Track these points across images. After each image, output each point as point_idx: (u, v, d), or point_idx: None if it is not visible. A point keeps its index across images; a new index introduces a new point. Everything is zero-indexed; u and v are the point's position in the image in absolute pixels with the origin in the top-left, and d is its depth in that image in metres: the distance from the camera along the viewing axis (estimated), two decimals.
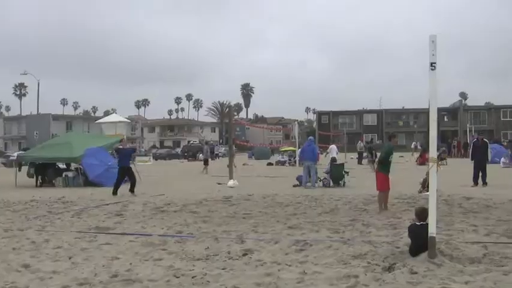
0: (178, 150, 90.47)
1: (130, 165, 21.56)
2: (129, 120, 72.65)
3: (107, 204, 17.12)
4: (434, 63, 8.30)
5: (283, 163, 47.43)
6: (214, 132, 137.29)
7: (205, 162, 37.05)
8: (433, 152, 8.74)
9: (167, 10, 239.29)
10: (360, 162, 44.63)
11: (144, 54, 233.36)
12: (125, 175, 20.93)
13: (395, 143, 16.91)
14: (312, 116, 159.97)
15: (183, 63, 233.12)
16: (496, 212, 14.03)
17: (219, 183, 24.87)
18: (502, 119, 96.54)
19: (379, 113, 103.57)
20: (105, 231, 11.98)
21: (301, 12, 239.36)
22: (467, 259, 8.35)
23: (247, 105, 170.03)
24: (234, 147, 32.45)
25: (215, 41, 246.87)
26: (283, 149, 64.84)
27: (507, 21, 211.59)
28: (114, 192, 20.11)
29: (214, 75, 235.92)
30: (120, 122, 54.97)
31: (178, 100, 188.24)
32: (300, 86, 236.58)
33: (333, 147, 27.39)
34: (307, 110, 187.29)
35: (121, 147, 22.12)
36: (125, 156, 21.34)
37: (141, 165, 40.35)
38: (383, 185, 14.81)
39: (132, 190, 20.39)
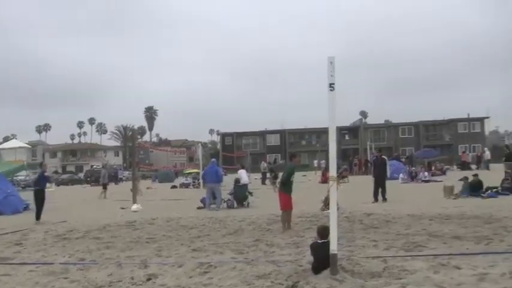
0: (81, 175, 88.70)
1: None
2: (29, 146, 70.92)
3: (6, 234, 16.62)
4: (333, 84, 8.48)
5: (187, 185, 47.23)
6: (118, 156, 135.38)
7: (105, 186, 36.24)
8: (332, 171, 8.93)
9: (66, 32, 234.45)
10: (263, 183, 44.93)
11: (44, 78, 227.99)
12: (43, 199, 20.40)
13: (297, 162, 17.15)
14: (216, 138, 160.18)
15: (84, 87, 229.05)
16: (395, 227, 14.44)
17: (122, 208, 24.58)
18: (400, 136, 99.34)
19: (282, 133, 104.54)
20: (3, 261, 11.61)
21: (203, 35, 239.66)
22: (368, 274, 8.54)
23: (150, 128, 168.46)
24: (138, 171, 32.23)
25: (117, 64, 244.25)
26: (187, 172, 64.64)
27: (404, 41, 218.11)
28: (38, 218, 19.65)
29: (117, 99, 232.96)
30: (20, 147, 53.65)
31: (80, 124, 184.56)
32: (203, 108, 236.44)
33: (242, 173, 27.61)
34: (211, 131, 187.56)
35: (46, 173, 21.61)
36: (45, 180, 20.92)
37: None
38: (286, 205, 14.97)
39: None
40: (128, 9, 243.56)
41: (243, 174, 26.61)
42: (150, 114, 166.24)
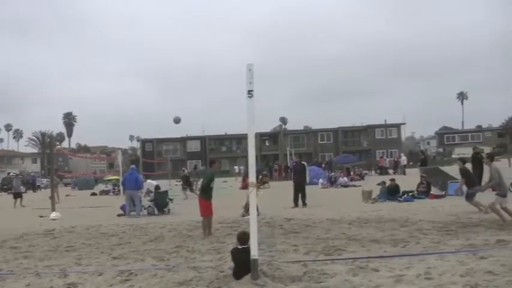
0: None
1: None
2: None
3: None
4: (252, 90, 8.55)
5: (107, 192, 46.68)
6: (36, 163, 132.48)
7: (15, 196, 34.53)
8: (252, 177, 9.01)
9: None
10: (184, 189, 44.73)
11: None
12: None
13: (217, 168, 17.19)
14: (136, 144, 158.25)
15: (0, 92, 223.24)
16: (315, 231, 14.63)
17: (41, 216, 24.04)
18: (319, 142, 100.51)
19: (203, 139, 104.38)
20: None
21: (122, 41, 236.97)
22: (288, 278, 8.64)
23: (69, 135, 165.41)
24: (59, 179, 31.73)
25: (34, 69, 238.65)
26: (107, 178, 63.87)
27: (322, 48, 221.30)
28: None
29: (35, 105, 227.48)
30: None
31: None
32: (123, 115, 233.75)
33: (148, 183, 27.65)
34: (131, 138, 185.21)
35: None
36: None
37: None
38: (206, 211, 14.98)
39: None
40: (43, 13, 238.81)
41: (149, 185, 26.83)
42: (69, 120, 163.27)
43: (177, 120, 20.25)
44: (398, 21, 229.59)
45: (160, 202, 23.37)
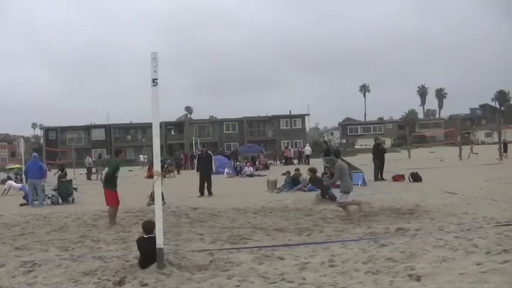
0: None
1: None
2: None
3: None
4: (156, 79, 8.55)
5: None
6: None
7: None
8: (157, 166, 9.01)
9: None
10: (89, 178, 44.11)
11: None
12: None
13: (122, 158, 17.09)
14: (40, 132, 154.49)
15: None
16: (220, 220, 14.76)
17: None
18: (225, 132, 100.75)
19: (107, 127, 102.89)
20: None
21: (24, 29, 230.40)
22: (194, 267, 8.71)
23: None
24: None
25: None
26: (8, 167, 62.12)
27: (229, 36, 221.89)
28: None
29: None
30: None
31: None
32: (25, 102, 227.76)
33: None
34: (34, 125, 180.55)
35: None
36: None
37: None
38: (111, 200, 14.99)
39: None
40: None
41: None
42: None
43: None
44: (300, 14, 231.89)
45: (65, 191, 22.97)
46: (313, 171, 20.08)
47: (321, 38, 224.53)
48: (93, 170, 45.62)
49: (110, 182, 15.14)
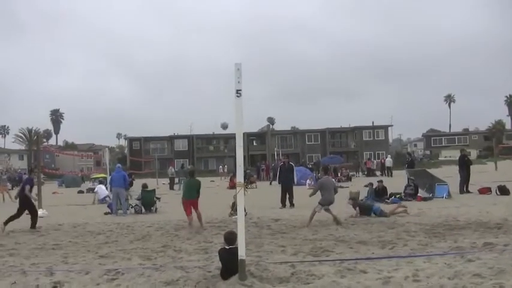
0: None
1: None
2: None
3: None
4: (240, 90, 8.52)
5: (94, 190, 46.42)
6: (23, 159, 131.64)
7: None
8: (240, 176, 8.98)
9: None
10: (171, 188, 44.69)
11: None
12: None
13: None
14: (124, 142, 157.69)
15: None
16: (302, 232, 14.63)
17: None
18: (307, 143, 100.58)
19: (190, 138, 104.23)
20: None
21: (103, 39, 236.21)
22: (276, 279, 8.62)
23: (56, 132, 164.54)
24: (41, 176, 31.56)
25: (22, 65, 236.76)
26: (94, 176, 63.59)
27: (307, 49, 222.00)
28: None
29: (22, 101, 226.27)
30: None
31: None
32: (110, 113, 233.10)
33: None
34: (119, 136, 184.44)
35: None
36: None
37: None
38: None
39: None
40: (24, 9, 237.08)
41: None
42: (56, 117, 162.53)
43: (224, 126, 20.07)
44: (384, 24, 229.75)
45: (148, 201, 23.30)
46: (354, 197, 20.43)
47: (401, 47, 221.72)
48: (176, 180, 46.24)
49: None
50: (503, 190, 24.69)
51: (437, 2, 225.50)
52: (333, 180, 16.51)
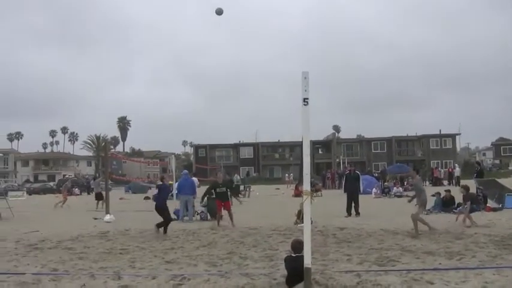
0: (53, 184, 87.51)
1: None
2: (0, 154, 70.27)
3: None
4: (307, 98, 8.55)
5: None
6: (91, 166, 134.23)
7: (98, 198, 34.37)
8: (306, 185, 8.97)
9: (36, 41, 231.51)
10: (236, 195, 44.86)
11: (16, 86, 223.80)
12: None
13: (220, 178, 21.35)
14: (190, 149, 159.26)
15: (56, 96, 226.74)
16: (368, 241, 14.50)
17: (95, 218, 24.38)
18: (373, 151, 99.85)
19: (255, 146, 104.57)
20: None
21: (170, 47, 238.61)
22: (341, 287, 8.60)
23: (123, 139, 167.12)
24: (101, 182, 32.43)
25: (91, 74, 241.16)
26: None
27: (375, 59, 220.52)
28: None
29: (91, 109, 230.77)
30: None
31: (53, 133, 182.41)
32: (176, 120, 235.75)
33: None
34: (184, 143, 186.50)
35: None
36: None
37: (14, 200, 39.10)
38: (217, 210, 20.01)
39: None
40: (95, 18, 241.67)
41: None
42: (123, 124, 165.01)
43: (219, 12, 19.71)
44: (448, 32, 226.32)
45: (213, 208, 23.40)
46: (466, 188, 19.10)
47: (470, 54, 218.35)
48: (241, 187, 46.41)
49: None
50: None
51: (506, 10, 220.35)
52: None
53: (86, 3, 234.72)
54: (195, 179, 26.99)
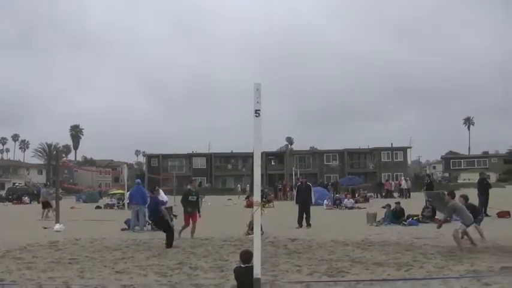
0: (3, 192, 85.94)
1: None
2: None
3: None
4: (259, 110, 8.59)
5: (112, 206, 46.70)
6: (42, 174, 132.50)
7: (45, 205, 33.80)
8: (257, 196, 9.01)
9: None
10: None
11: None
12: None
13: (194, 186, 20.64)
14: (142, 159, 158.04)
15: (6, 103, 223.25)
16: (318, 252, 14.60)
17: (44, 228, 24.06)
18: (325, 163, 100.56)
19: (208, 156, 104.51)
20: None
21: (125, 57, 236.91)
22: None
23: (76, 147, 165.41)
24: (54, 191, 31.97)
25: (43, 81, 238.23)
26: (112, 192, 63.79)
27: (329, 70, 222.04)
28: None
29: (42, 116, 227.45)
30: None
31: (3, 140, 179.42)
32: (129, 129, 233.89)
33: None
34: (137, 152, 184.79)
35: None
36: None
37: None
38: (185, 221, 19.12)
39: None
40: (46, 26, 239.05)
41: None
42: (76, 132, 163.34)
43: None
44: (403, 45, 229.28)
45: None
46: (465, 198, 18.49)
47: (421, 70, 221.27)
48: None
49: (183, 206, 19.11)
50: None
51: (457, 24, 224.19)
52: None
53: (42, 11, 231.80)
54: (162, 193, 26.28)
